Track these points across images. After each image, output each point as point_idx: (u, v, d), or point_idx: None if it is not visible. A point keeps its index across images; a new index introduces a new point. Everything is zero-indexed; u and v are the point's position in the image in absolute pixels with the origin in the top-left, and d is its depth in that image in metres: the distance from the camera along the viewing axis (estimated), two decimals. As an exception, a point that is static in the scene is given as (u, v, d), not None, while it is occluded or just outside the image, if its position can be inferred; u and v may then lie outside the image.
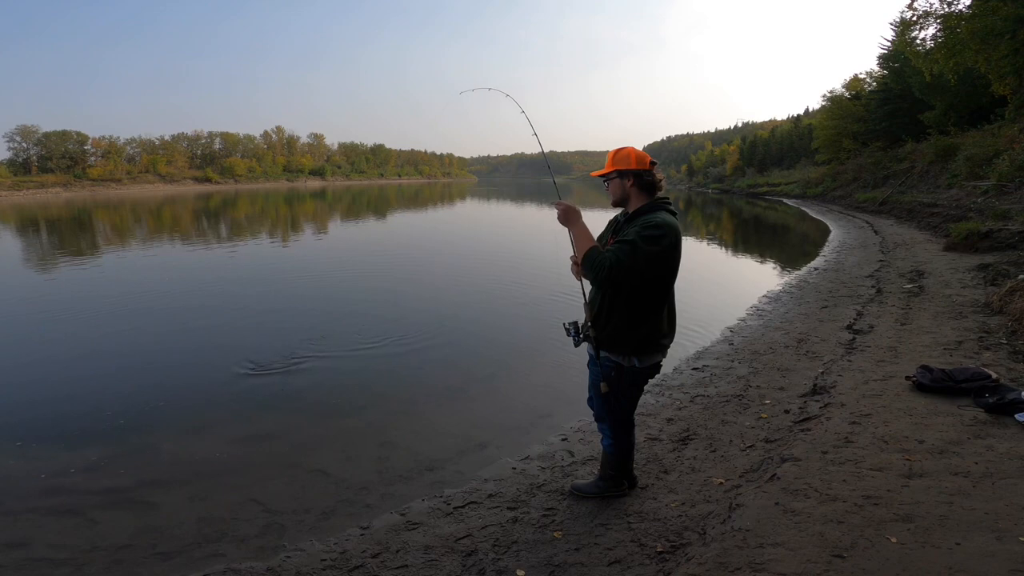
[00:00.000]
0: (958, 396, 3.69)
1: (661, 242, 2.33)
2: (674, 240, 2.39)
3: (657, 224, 2.36)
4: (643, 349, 2.51)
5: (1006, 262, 8.20)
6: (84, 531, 2.96)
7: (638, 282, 2.37)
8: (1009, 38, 14.00)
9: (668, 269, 2.44)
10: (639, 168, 2.48)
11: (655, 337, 2.51)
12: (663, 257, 2.37)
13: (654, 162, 2.51)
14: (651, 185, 2.50)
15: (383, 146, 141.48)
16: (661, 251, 2.34)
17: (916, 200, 17.78)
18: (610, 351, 2.54)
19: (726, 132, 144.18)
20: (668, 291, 2.52)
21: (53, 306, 8.47)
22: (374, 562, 2.56)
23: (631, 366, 2.52)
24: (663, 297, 2.49)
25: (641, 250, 2.31)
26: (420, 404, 4.61)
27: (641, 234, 2.33)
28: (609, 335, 2.52)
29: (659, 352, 2.57)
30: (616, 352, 2.53)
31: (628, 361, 2.52)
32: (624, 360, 2.52)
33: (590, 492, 2.93)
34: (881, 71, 32.68)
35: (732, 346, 5.78)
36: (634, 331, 2.48)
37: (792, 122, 63.73)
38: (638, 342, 2.49)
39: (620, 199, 2.57)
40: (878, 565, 2.11)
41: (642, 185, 2.50)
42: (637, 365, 2.52)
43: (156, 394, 4.76)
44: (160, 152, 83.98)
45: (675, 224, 2.42)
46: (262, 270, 12.33)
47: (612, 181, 2.55)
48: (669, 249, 2.37)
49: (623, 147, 2.55)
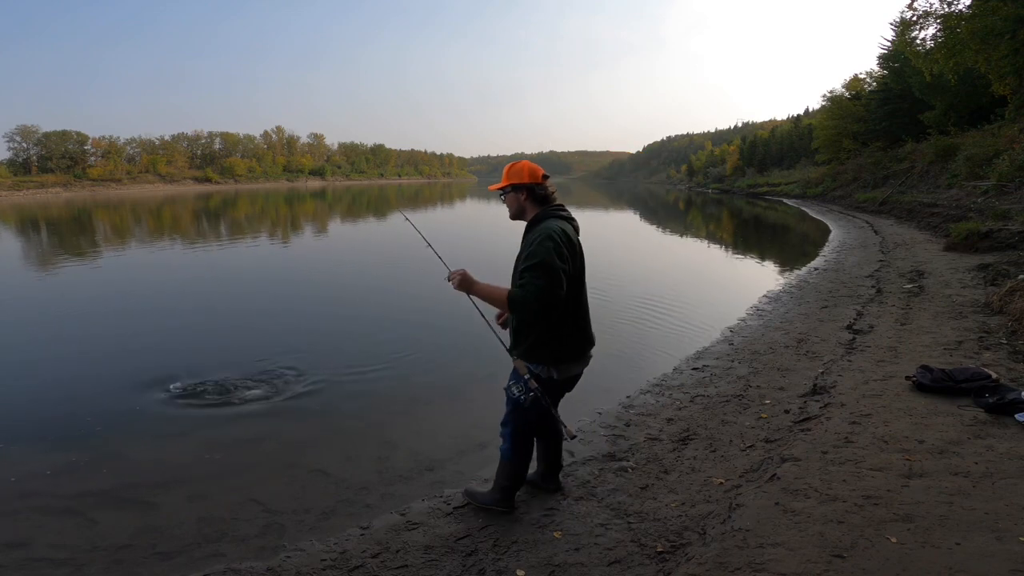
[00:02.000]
0: (958, 396, 3.70)
1: (560, 250, 2.37)
2: (567, 245, 2.42)
3: (548, 235, 2.38)
4: (561, 359, 2.52)
5: (1006, 262, 8.20)
6: (84, 531, 2.95)
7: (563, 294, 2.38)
8: (1009, 38, 14.00)
9: (570, 277, 2.44)
10: (531, 182, 2.53)
11: (575, 345, 2.54)
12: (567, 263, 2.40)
13: (546, 175, 2.59)
14: (544, 198, 2.56)
15: (383, 146, 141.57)
16: (563, 258, 2.37)
17: (916, 200, 17.78)
18: (530, 362, 2.55)
19: (726, 132, 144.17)
20: (579, 296, 2.53)
21: (61, 305, 8.48)
22: (374, 562, 2.56)
23: (548, 377, 2.52)
24: (575, 303, 2.51)
25: (550, 265, 2.33)
26: (420, 404, 4.61)
27: (540, 251, 2.35)
28: (528, 347, 2.54)
29: (578, 361, 2.59)
30: (535, 362, 2.54)
31: (546, 372, 2.52)
32: (542, 371, 2.53)
33: (482, 501, 2.89)
34: (881, 71, 32.69)
35: (732, 346, 5.78)
36: (556, 341, 2.50)
37: (792, 122, 63.76)
38: (560, 352, 2.51)
39: (516, 211, 2.61)
40: (878, 565, 2.11)
41: (535, 198, 2.55)
42: (555, 376, 2.53)
43: (155, 394, 4.75)
44: (160, 152, 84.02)
45: (563, 229, 2.45)
46: (262, 270, 12.34)
47: (508, 195, 2.60)
48: (566, 257, 2.40)
49: (518, 161, 2.62)
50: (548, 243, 2.36)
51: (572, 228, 2.56)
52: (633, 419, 4.05)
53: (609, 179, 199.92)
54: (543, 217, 2.52)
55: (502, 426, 2.78)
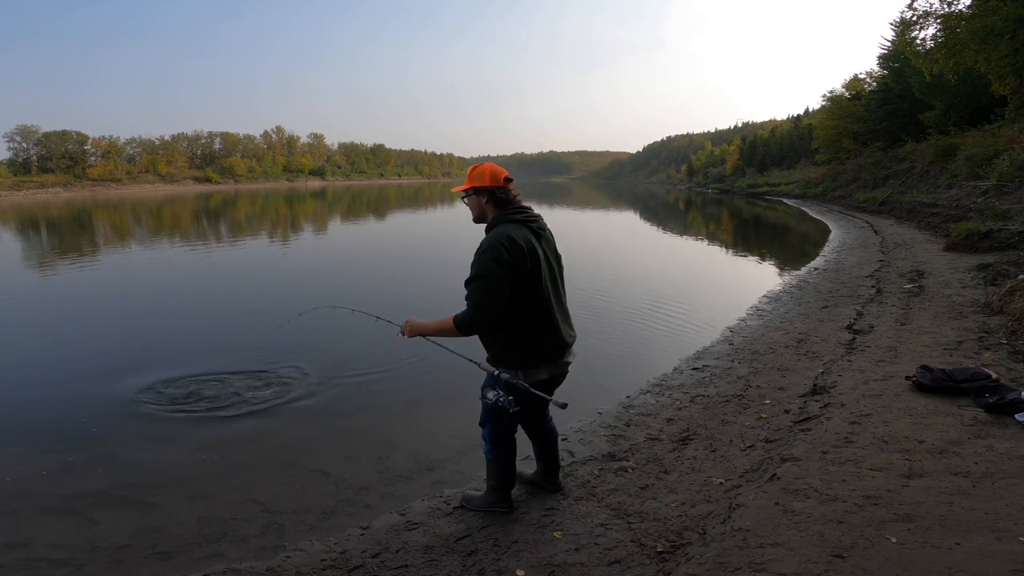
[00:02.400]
0: (958, 396, 3.69)
1: (500, 259, 2.32)
2: (511, 251, 2.35)
3: (489, 246, 2.36)
4: (528, 363, 2.49)
5: (1006, 262, 8.20)
6: (84, 531, 2.95)
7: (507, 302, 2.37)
8: (1009, 38, 14.00)
9: (526, 279, 2.40)
10: (492, 185, 2.49)
11: (541, 349, 2.50)
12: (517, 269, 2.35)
13: (509, 179, 2.53)
14: (505, 201, 2.51)
15: (383, 146, 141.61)
16: (503, 266, 2.32)
17: (916, 200, 17.78)
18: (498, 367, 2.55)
19: (726, 132, 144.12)
20: (539, 300, 2.46)
21: (60, 304, 8.48)
22: (374, 562, 2.56)
23: (518, 382, 2.50)
24: (535, 307, 2.46)
25: (489, 276, 2.32)
26: (420, 404, 4.61)
27: (479, 263, 2.36)
28: (495, 354, 2.54)
29: (546, 365, 2.52)
30: (503, 367, 2.53)
31: (515, 376, 2.50)
32: (512, 376, 2.51)
33: (478, 505, 2.89)
34: (881, 71, 32.69)
35: (732, 346, 5.78)
36: (517, 347, 2.49)
37: (792, 122, 63.74)
38: (523, 356, 2.49)
39: (478, 214, 2.59)
40: (878, 565, 2.11)
41: (496, 202, 2.51)
42: (523, 381, 2.49)
43: (156, 394, 4.75)
44: (160, 152, 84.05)
45: (510, 235, 2.38)
46: (262, 270, 12.34)
47: (470, 199, 2.57)
48: (510, 262, 2.34)
49: (480, 164, 2.57)
50: (488, 253, 2.34)
51: (530, 231, 2.48)
52: (633, 419, 4.05)
53: (609, 179, 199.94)
54: (497, 223, 2.49)
55: (480, 427, 2.77)
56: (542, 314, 2.48)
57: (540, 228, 2.55)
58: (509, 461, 2.80)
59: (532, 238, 2.46)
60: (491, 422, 2.69)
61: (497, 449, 2.74)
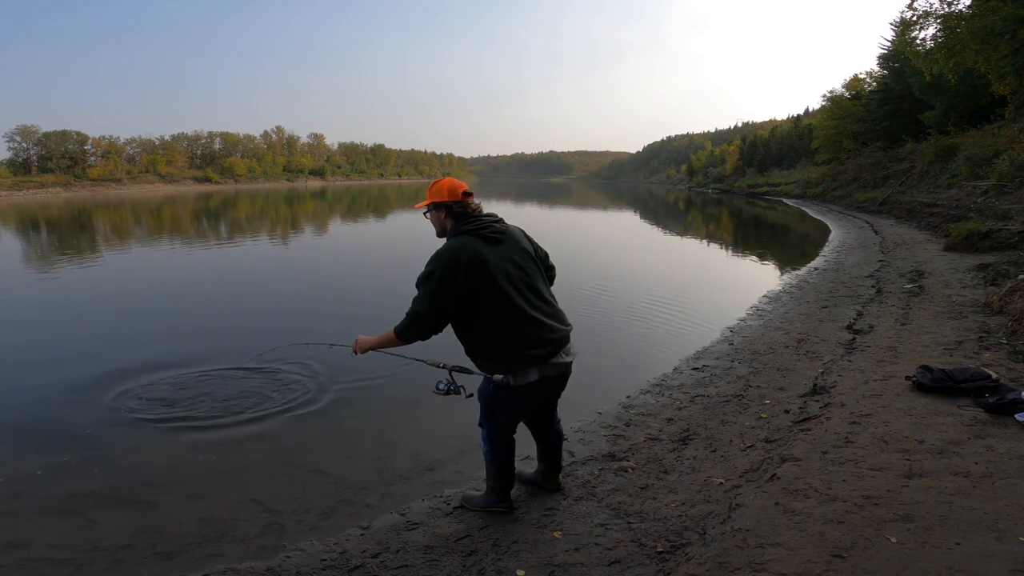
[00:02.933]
0: (958, 396, 3.69)
1: (432, 276, 2.40)
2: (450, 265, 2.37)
3: (429, 262, 2.44)
4: (512, 367, 2.47)
5: (1006, 262, 8.20)
6: (84, 531, 2.95)
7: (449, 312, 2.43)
8: (1009, 38, 14.00)
9: (475, 289, 2.39)
10: (450, 200, 2.51)
11: (517, 354, 2.45)
12: (453, 283, 2.37)
13: (468, 192, 2.55)
14: (463, 215, 2.53)
15: (383, 146, 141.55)
16: (433, 282, 2.39)
17: (916, 200, 17.78)
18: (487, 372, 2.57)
19: (726, 132, 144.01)
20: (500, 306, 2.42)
21: (60, 304, 8.48)
22: (374, 562, 2.56)
23: (506, 383, 2.50)
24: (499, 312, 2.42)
25: (421, 291, 2.43)
26: (420, 404, 4.61)
27: (420, 276, 2.45)
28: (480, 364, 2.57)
29: (536, 368, 2.48)
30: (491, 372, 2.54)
31: (504, 379, 2.50)
32: (501, 379, 2.51)
33: (479, 505, 2.89)
34: (881, 71, 32.68)
35: (732, 346, 5.78)
36: (487, 352, 2.51)
37: (792, 122, 63.72)
38: (502, 364, 2.48)
39: (440, 230, 2.62)
40: (878, 565, 2.11)
41: (454, 216, 2.54)
42: (512, 383, 2.49)
43: (155, 394, 4.75)
44: (160, 152, 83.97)
45: (454, 250, 2.41)
46: (262, 270, 12.34)
47: (431, 213, 2.60)
48: (451, 275, 2.37)
49: (439, 180, 2.61)
50: (424, 271, 2.44)
51: (482, 239, 2.44)
52: (633, 419, 4.05)
53: (609, 179, 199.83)
54: (451, 236, 2.52)
55: (479, 427, 2.78)
56: (507, 317, 2.44)
57: (497, 233, 2.49)
58: (508, 461, 2.80)
59: (483, 248, 2.42)
60: (489, 422, 2.69)
61: (496, 449, 2.74)
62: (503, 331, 2.45)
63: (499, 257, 2.46)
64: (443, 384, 2.68)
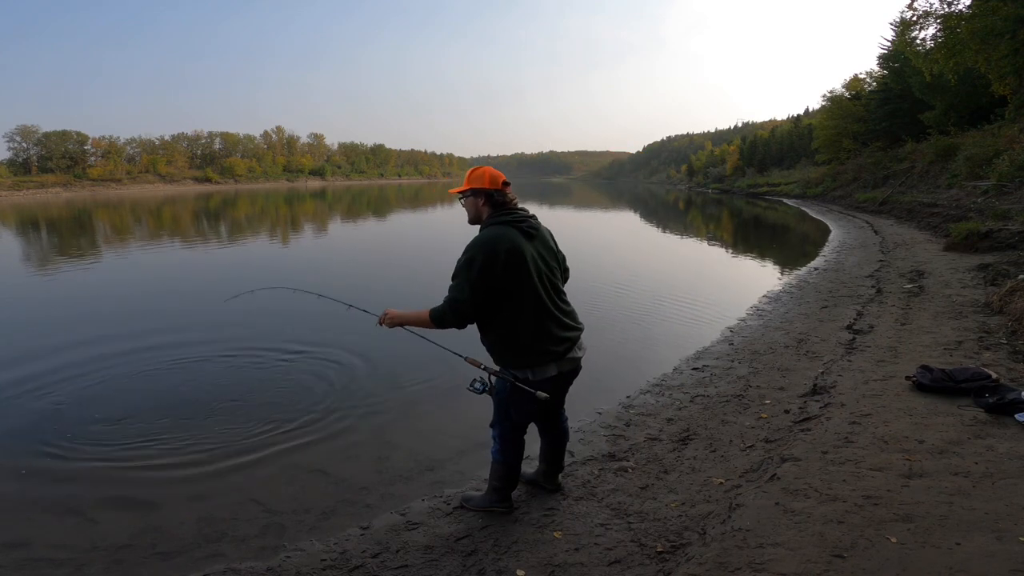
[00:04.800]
0: (958, 396, 3.69)
1: (473, 263, 2.39)
2: (490, 254, 2.39)
3: (469, 248, 2.44)
4: (532, 363, 2.51)
5: (1006, 262, 8.20)
6: (84, 531, 2.95)
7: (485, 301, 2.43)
8: (1009, 38, 14.00)
9: (510, 281, 2.43)
10: (491, 187, 2.54)
11: (541, 347, 2.49)
12: (491, 273, 2.39)
13: (507, 183, 2.59)
14: (501, 204, 2.56)
15: (383, 146, 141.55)
16: (475, 269, 2.39)
17: (916, 200, 17.77)
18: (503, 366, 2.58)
19: (726, 132, 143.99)
20: (528, 299, 2.47)
21: (62, 304, 8.47)
22: (374, 562, 2.56)
23: (525, 378, 2.53)
24: (527, 306, 2.47)
25: (462, 278, 2.41)
26: (420, 404, 4.61)
27: (457, 264, 2.45)
28: (497, 356, 2.58)
29: (554, 364, 2.53)
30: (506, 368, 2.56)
31: (524, 375, 2.53)
32: (520, 373, 2.54)
33: (479, 506, 2.89)
34: (881, 71, 32.69)
35: (732, 346, 5.78)
36: (515, 346, 2.51)
37: (792, 122, 63.74)
38: (523, 359, 2.51)
39: (474, 216, 2.63)
40: (878, 565, 2.11)
41: (493, 204, 2.56)
42: (531, 378, 2.52)
43: (155, 395, 4.75)
44: (160, 152, 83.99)
45: (493, 237, 2.43)
46: (262, 270, 12.34)
47: (467, 199, 2.61)
48: (491, 264, 2.38)
49: (479, 167, 2.63)
50: (464, 257, 2.44)
51: (520, 232, 2.49)
52: (633, 419, 4.05)
53: (609, 179, 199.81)
54: (487, 224, 2.54)
55: (491, 428, 2.78)
56: (535, 312, 2.49)
57: (532, 228, 2.55)
58: (516, 463, 2.81)
59: (520, 240, 2.48)
60: (502, 423, 2.70)
61: (506, 449, 2.75)
62: (530, 326, 2.49)
63: (533, 252, 2.51)
64: (479, 384, 2.70)
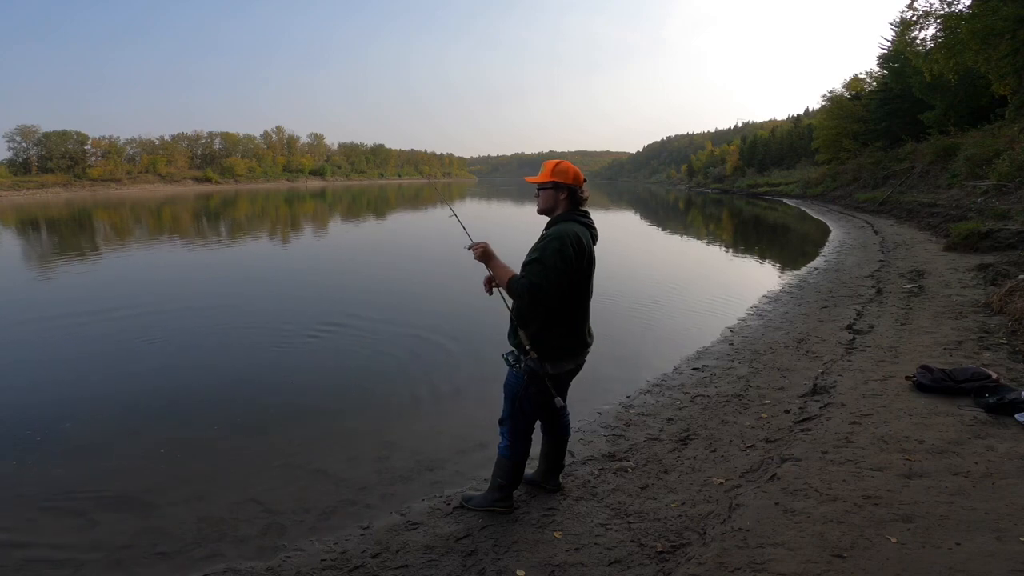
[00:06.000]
0: (958, 396, 3.69)
1: (564, 252, 2.44)
2: (576, 248, 2.48)
3: (558, 236, 2.47)
4: (556, 355, 2.59)
5: (1006, 262, 8.20)
6: (84, 531, 2.95)
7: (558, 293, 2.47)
8: (1009, 38, 14.02)
9: (580, 278, 2.54)
10: (575, 184, 2.61)
11: (569, 343, 2.62)
12: (575, 267, 2.48)
13: (585, 180, 2.66)
14: (580, 200, 2.64)
15: (383, 146, 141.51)
16: (565, 260, 2.44)
17: (916, 200, 17.78)
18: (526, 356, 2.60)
19: (726, 132, 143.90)
20: (580, 298, 2.61)
21: (62, 305, 8.47)
22: (374, 562, 2.56)
23: (543, 371, 2.57)
24: (575, 304, 2.60)
25: (549, 264, 2.42)
26: (420, 404, 4.61)
27: (545, 249, 2.46)
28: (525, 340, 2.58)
29: (571, 359, 2.66)
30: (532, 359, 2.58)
31: (541, 367, 2.56)
32: (537, 365, 2.57)
33: (480, 505, 2.90)
34: (881, 71, 32.73)
35: (732, 346, 5.78)
36: (549, 337, 2.56)
37: (792, 122, 63.80)
38: (552, 348, 2.57)
39: (549, 208, 2.67)
40: (878, 565, 2.11)
41: (573, 200, 2.63)
42: (550, 371, 2.58)
43: (155, 395, 4.75)
44: (160, 152, 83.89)
45: (577, 233, 2.52)
46: (263, 271, 12.34)
47: (546, 191, 2.64)
48: (573, 258, 2.46)
49: (562, 161, 2.68)
50: (555, 243, 2.46)
51: (589, 234, 2.62)
52: (633, 419, 4.05)
53: (609, 179, 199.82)
54: (565, 219, 2.60)
55: (500, 424, 2.79)
56: (580, 311, 2.63)
57: (595, 236, 2.68)
58: (523, 459, 2.82)
59: (590, 241, 2.61)
60: (512, 417, 2.72)
61: (516, 444, 2.76)
62: (572, 323, 2.60)
63: (591, 258, 2.62)
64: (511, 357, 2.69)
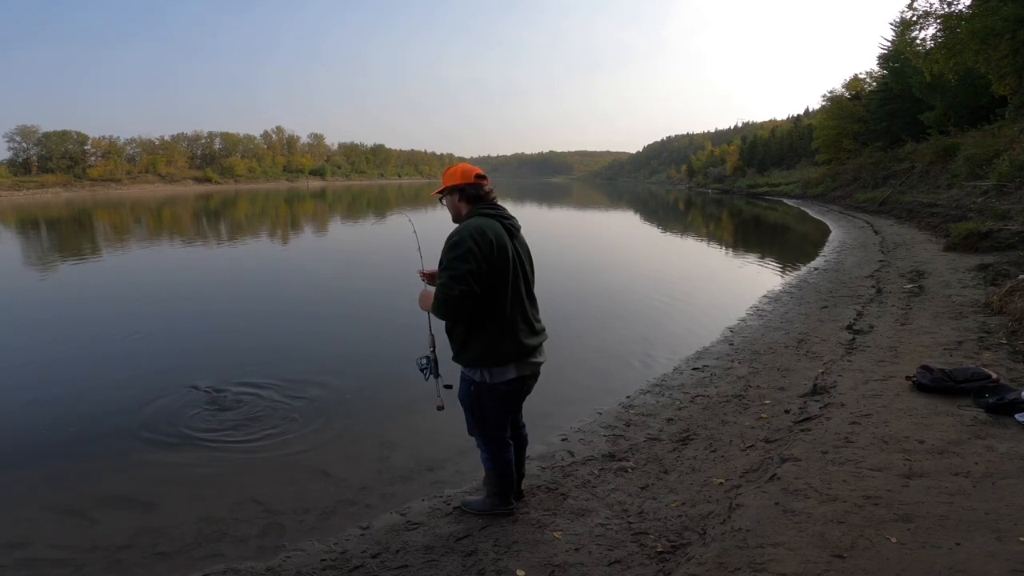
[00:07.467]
0: (958, 396, 3.69)
1: (463, 253, 2.31)
2: (479, 241, 2.34)
3: (455, 243, 2.35)
4: (491, 362, 2.46)
5: (1006, 262, 8.20)
6: (84, 531, 2.96)
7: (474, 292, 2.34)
8: (1009, 38, 14.02)
9: (494, 273, 2.38)
10: (464, 183, 2.52)
11: (502, 350, 2.44)
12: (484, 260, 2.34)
13: (482, 175, 2.55)
14: (477, 197, 2.53)
15: (383, 146, 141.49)
16: (467, 260, 2.31)
17: (916, 200, 17.78)
18: (464, 367, 2.54)
19: (726, 132, 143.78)
20: (502, 297, 2.42)
21: (63, 305, 8.48)
22: (374, 562, 2.56)
23: (483, 381, 2.49)
24: (501, 302, 2.42)
25: (456, 270, 2.31)
26: (420, 404, 4.60)
27: (443, 260, 2.38)
28: (457, 351, 2.53)
29: (513, 365, 2.48)
30: (468, 368, 2.53)
31: (480, 376, 2.49)
32: (476, 375, 2.50)
33: (480, 509, 2.87)
34: (881, 71, 32.69)
35: (732, 346, 5.78)
36: (476, 342, 2.45)
37: (792, 122, 63.77)
38: (482, 356, 2.46)
39: (455, 213, 2.60)
40: (878, 565, 2.11)
41: (468, 198, 2.54)
42: (488, 380, 2.49)
43: (155, 394, 4.75)
44: (160, 152, 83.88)
45: (480, 226, 2.38)
46: (263, 272, 12.34)
47: (446, 198, 2.60)
48: (476, 252, 2.32)
49: (453, 165, 2.61)
50: (452, 252, 2.35)
51: (501, 226, 2.46)
52: (633, 419, 4.05)
53: (609, 179, 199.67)
54: (467, 217, 2.50)
55: (471, 436, 2.74)
56: (507, 310, 2.44)
57: (513, 227, 2.54)
58: (506, 465, 2.75)
59: (503, 233, 2.46)
60: (480, 428, 2.65)
61: (493, 453, 2.70)
62: (501, 324, 2.44)
63: (513, 249, 2.49)
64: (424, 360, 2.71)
